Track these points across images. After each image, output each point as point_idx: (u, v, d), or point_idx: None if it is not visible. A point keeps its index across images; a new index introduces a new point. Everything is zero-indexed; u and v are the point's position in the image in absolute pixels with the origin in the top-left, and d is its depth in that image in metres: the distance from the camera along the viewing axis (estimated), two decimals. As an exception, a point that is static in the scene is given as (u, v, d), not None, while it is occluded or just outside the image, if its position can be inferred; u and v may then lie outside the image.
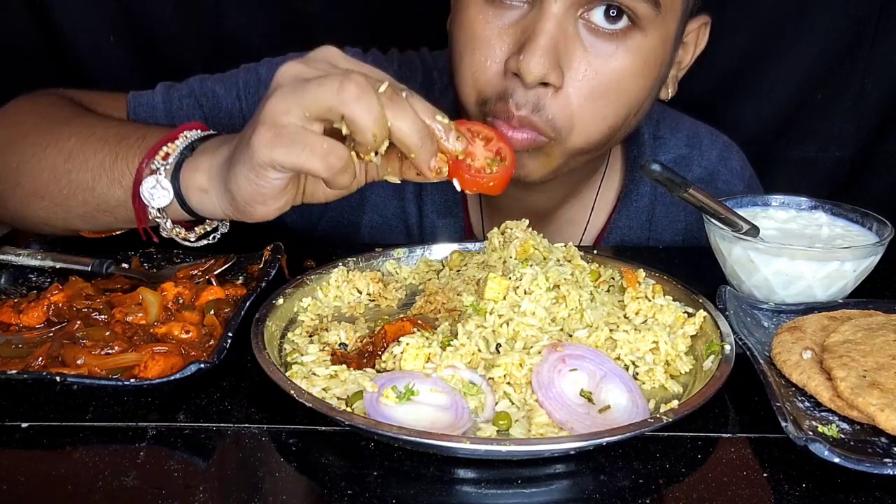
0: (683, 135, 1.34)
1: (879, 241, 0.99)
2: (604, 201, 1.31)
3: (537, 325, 0.86)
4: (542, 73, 0.97)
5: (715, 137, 1.36)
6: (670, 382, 0.84)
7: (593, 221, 1.31)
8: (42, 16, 1.64)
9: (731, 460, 0.74)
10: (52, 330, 0.89)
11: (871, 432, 0.76)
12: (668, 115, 1.35)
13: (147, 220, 0.96)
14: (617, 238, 1.29)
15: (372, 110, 0.79)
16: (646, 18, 1.00)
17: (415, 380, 0.79)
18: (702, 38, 1.15)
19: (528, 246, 0.98)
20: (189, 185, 0.92)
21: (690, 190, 0.92)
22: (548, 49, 0.97)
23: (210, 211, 0.93)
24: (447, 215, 1.29)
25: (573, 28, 0.99)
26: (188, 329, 0.89)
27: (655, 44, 1.03)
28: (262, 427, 0.77)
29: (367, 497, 0.68)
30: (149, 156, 0.95)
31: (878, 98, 1.74)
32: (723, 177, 1.33)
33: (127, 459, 0.72)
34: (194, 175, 0.92)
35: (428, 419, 0.76)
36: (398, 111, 0.81)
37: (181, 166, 0.93)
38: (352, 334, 0.89)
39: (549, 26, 0.97)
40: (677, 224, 1.31)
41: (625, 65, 1.01)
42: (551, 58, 0.97)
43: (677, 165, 1.31)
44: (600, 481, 0.71)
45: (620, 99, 1.04)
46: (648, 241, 1.31)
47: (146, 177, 0.93)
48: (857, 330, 0.87)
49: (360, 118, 0.79)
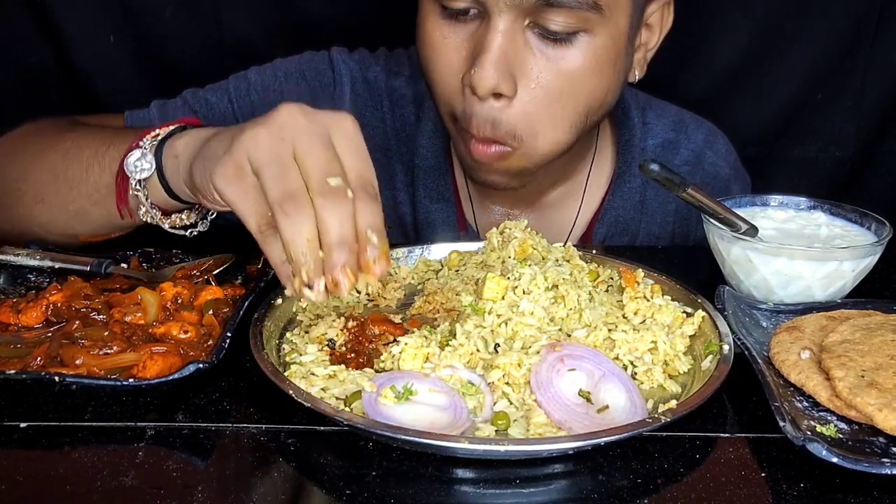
0: (670, 120, 1.36)
1: (878, 241, 0.99)
2: (596, 185, 1.32)
3: (536, 324, 0.86)
4: (492, 85, 1.00)
5: (700, 122, 1.38)
6: (669, 382, 0.84)
7: (587, 203, 1.32)
8: (42, 16, 1.64)
9: (729, 460, 0.74)
10: (51, 330, 0.89)
11: (869, 432, 0.76)
12: (654, 103, 1.37)
13: (127, 198, 0.96)
14: (611, 219, 1.30)
15: (303, 231, 0.74)
16: (590, 21, 1.01)
17: (413, 380, 0.79)
18: (666, 18, 1.16)
19: (526, 246, 0.98)
20: (167, 153, 0.93)
21: (689, 189, 0.92)
22: (496, 61, 1.00)
23: (175, 182, 0.93)
24: (439, 200, 1.30)
25: (521, 37, 1.02)
26: (187, 329, 0.89)
27: (605, 43, 1.04)
28: (260, 427, 0.77)
29: (365, 497, 0.68)
30: (140, 137, 0.96)
31: (878, 98, 1.74)
32: (709, 159, 1.35)
33: (126, 459, 0.72)
34: (174, 144, 0.93)
35: (427, 419, 0.76)
36: (330, 209, 0.74)
37: (166, 142, 0.94)
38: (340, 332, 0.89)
39: (497, 39, 1.00)
40: (668, 205, 1.33)
41: (576, 66, 1.03)
42: (501, 69, 1.00)
43: (665, 149, 1.34)
44: (599, 481, 0.71)
45: (577, 99, 1.06)
46: (641, 223, 1.32)
47: (133, 151, 0.94)
48: (856, 330, 0.87)
49: (289, 235, 0.74)
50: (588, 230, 1.33)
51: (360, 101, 1.31)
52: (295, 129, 0.77)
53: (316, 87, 1.29)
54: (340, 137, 0.78)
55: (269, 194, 0.75)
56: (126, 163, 0.94)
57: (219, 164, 0.78)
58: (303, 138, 0.77)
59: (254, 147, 0.77)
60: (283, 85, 1.28)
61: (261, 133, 0.77)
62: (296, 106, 0.79)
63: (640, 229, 1.32)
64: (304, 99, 1.25)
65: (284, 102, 0.80)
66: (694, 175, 1.33)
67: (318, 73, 1.30)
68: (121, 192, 0.96)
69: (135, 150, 0.94)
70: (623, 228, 1.31)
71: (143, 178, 0.94)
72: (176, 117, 1.22)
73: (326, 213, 0.74)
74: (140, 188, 0.95)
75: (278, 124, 0.77)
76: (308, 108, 0.79)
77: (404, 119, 1.32)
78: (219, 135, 0.86)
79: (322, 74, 1.30)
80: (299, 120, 0.78)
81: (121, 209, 0.98)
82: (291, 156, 0.76)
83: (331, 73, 1.30)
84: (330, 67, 1.30)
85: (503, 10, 0.99)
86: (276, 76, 1.29)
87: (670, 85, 1.38)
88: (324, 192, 0.74)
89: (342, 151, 0.77)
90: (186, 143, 0.91)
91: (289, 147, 0.76)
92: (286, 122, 0.77)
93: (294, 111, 0.78)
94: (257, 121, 0.79)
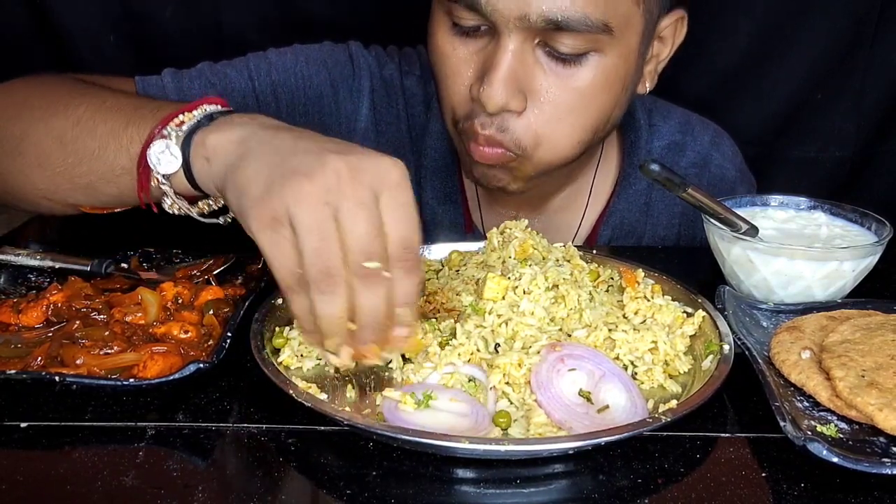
0: (676, 122, 1.36)
1: (878, 241, 0.99)
2: (601, 187, 1.32)
3: (536, 324, 0.86)
4: (501, 104, 1.01)
5: (706, 124, 1.38)
6: (669, 382, 0.84)
7: (592, 206, 1.32)
8: (42, 16, 1.64)
9: (729, 460, 0.74)
10: (52, 330, 0.89)
11: (869, 432, 0.76)
12: (659, 104, 1.36)
13: (149, 188, 0.90)
14: (616, 221, 1.30)
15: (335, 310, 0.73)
16: (601, 42, 1.01)
17: (434, 390, 0.80)
18: (679, 32, 1.16)
19: (527, 246, 0.98)
20: (197, 153, 0.86)
21: (689, 190, 0.92)
22: (505, 80, 1.00)
23: (205, 182, 0.87)
24: (446, 202, 1.29)
25: (531, 56, 1.01)
26: (187, 329, 0.89)
27: (616, 61, 1.04)
28: (261, 427, 0.77)
29: (365, 497, 0.68)
30: (162, 123, 0.89)
31: (878, 98, 1.74)
32: (716, 161, 1.35)
33: (126, 459, 0.72)
34: (204, 143, 0.85)
35: (447, 425, 0.76)
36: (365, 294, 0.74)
37: (194, 135, 0.87)
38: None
39: (507, 58, 1.00)
40: (674, 208, 1.33)
41: (585, 84, 1.03)
42: (510, 87, 1.01)
43: (671, 151, 1.33)
44: (599, 481, 0.71)
45: (584, 115, 1.06)
46: (646, 225, 1.32)
47: (156, 140, 0.87)
48: (856, 330, 0.87)
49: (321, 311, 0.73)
50: (593, 233, 1.32)
51: (378, 98, 1.30)
52: (340, 194, 0.72)
53: (336, 78, 1.28)
54: (388, 199, 0.74)
55: (306, 264, 0.72)
56: (149, 154, 0.87)
57: (255, 206, 0.74)
58: (347, 206, 0.72)
59: (294, 202, 0.72)
60: (304, 69, 1.26)
61: (304, 189, 0.72)
62: (344, 164, 0.73)
63: (646, 231, 1.32)
64: (326, 88, 1.27)
65: (331, 155, 0.74)
66: (700, 177, 1.33)
67: (339, 64, 1.29)
68: (142, 180, 0.90)
69: (157, 140, 0.87)
70: (628, 231, 1.31)
71: (167, 173, 0.88)
72: (192, 90, 1.19)
73: (361, 297, 0.73)
74: (165, 182, 0.89)
75: (324, 185, 0.72)
76: (355, 163, 0.74)
77: (415, 118, 1.32)
78: (254, 156, 0.79)
79: (343, 66, 1.29)
80: (345, 184, 0.73)
81: (141, 197, 0.92)
82: (333, 223, 0.72)
83: (350, 66, 1.29)
84: (350, 60, 1.30)
85: (513, 30, 0.99)
86: (297, 59, 1.27)
87: (670, 85, 1.38)
88: (361, 274, 0.73)
89: (387, 214, 0.74)
90: (217, 145, 0.84)
91: (331, 213, 0.72)
92: (332, 184, 0.72)
93: (342, 171, 0.73)
94: (299, 168, 0.74)
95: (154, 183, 0.89)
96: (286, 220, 0.72)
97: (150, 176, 0.89)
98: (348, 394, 0.82)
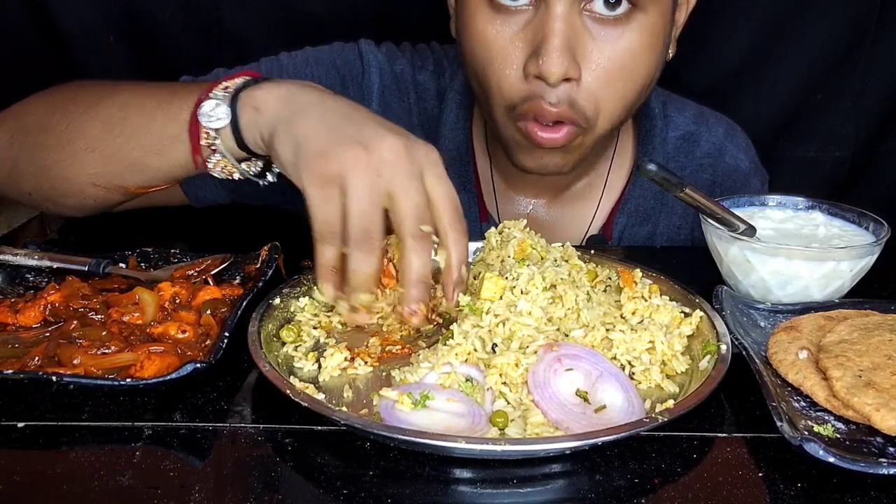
0: (690, 114, 1.37)
1: (876, 241, 0.99)
2: (617, 176, 1.34)
3: (533, 324, 0.86)
4: (563, 72, 1.02)
5: (719, 117, 1.40)
6: (666, 382, 0.84)
7: (607, 195, 1.33)
8: (42, 16, 1.64)
9: (726, 460, 0.74)
10: (49, 329, 0.89)
11: (866, 432, 0.76)
12: (672, 97, 1.38)
13: (201, 148, 0.96)
14: (631, 207, 1.32)
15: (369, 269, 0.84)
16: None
17: (431, 390, 0.80)
18: None
19: (525, 245, 0.98)
20: (245, 103, 0.93)
21: (686, 190, 0.92)
22: (562, 48, 1.02)
23: (250, 134, 0.94)
24: (461, 190, 1.30)
25: (579, 21, 1.03)
26: (185, 329, 0.89)
27: (656, 19, 1.07)
28: (258, 427, 0.77)
29: (362, 496, 0.68)
30: (208, 89, 0.96)
31: (878, 98, 1.73)
32: (730, 152, 1.36)
33: (123, 459, 0.72)
34: (252, 94, 0.93)
35: (444, 425, 0.76)
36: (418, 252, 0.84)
37: (241, 93, 0.94)
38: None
39: (559, 25, 1.01)
40: None
41: (633, 44, 1.06)
42: (568, 55, 1.02)
43: (686, 141, 1.35)
44: (596, 481, 0.71)
45: (634, 76, 1.09)
46: (661, 213, 1.33)
47: (206, 101, 0.94)
48: (854, 330, 0.87)
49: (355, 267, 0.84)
50: (608, 221, 1.33)
51: (388, 93, 1.32)
52: (395, 169, 0.83)
53: (346, 77, 1.31)
54: (432, 175, 0.85)
55: (350, 224, 0.82)
56: (200, 112, 0.94)
57: (312, 163, 0.84)
58: (399, 180, 0.83)
59: (351, 167, 0.82)
60: (314, 71, 1.29)
61: (362, 159, 0.82)
62: (400, 142, 0.84)
63: (661, 220, 1.33)
64: (336, 87, 1.28)
65: (388, 133, 0.85)
66: (715, 168, 1.35)
67: (348, 63, 1.32)
68: (194, 140, 0.96)
69: (207, 100, 0.94)
70: (643, 218, 1.32)
71: (218, 128, 0.94)
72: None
73: (414, 255, 0.84)
74: (216, 136, 0.95)
75: (380, 158, 0.83)
76: (409, 142, 0.85)
77: (428, 112, 1.33)
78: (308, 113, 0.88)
79: (352, 64, 1.32)
80: (401, 159, 0.83)
81: (195, 158, 0.98)
82: (383, 195, 0.83)
83: (360, 64, 1.32)
84: (359, 58, 1.32)
85: None
86: (307, 62, 1.30)
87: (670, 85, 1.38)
88: (415, 235, 0.83)
89: (436, 188, 0.85)
90: (266, 96, 0.92)
91: (384, 185, 0.82)
92: (388, 158, 0.83)
93: (398, 149, 0.84)
94: (359, 138, 0.84)
95: (205, 142, 0.95)
96: (338, 182, 0.82)
97: (199, 135, 0.95)
98: (345, 394, 0.82)
